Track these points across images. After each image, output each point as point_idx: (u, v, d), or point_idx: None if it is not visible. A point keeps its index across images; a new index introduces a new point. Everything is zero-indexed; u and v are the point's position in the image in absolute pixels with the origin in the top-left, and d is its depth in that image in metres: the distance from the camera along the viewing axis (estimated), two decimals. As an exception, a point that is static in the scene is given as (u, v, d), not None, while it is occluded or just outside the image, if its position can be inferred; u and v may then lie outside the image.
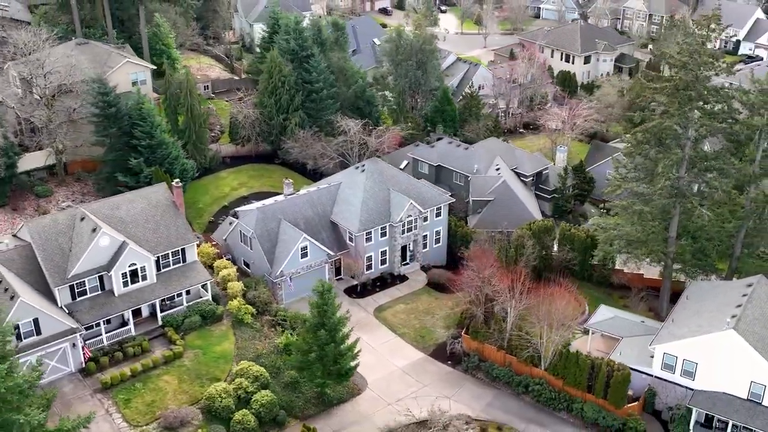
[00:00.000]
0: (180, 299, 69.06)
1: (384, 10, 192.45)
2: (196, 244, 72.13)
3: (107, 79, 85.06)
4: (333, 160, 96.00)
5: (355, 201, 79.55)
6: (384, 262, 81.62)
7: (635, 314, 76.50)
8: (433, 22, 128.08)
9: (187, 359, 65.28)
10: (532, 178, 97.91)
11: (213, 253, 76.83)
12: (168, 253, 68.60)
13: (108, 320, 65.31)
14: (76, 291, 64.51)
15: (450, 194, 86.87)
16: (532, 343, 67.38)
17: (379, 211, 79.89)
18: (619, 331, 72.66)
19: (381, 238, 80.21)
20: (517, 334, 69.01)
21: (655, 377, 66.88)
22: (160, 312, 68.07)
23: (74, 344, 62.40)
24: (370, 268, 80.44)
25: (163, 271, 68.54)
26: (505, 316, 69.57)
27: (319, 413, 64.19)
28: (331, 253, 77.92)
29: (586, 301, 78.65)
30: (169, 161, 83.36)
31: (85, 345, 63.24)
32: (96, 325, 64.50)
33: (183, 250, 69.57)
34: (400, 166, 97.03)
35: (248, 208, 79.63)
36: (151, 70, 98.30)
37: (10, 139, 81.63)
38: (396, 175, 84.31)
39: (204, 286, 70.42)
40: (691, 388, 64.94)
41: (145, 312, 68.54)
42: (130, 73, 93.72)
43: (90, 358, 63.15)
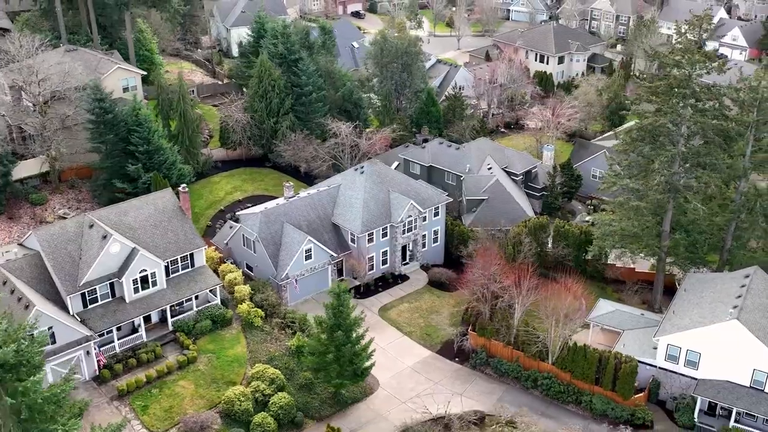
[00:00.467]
0: (189, 304, 69.01)
1: (356, 14, 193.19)
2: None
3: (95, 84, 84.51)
4: (326, 162, 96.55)
5: (356, 202, 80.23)
6: (385, 262, 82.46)
7: (634, 307, 78.44)
8: (418, 25, 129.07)
9: (201, 364, 65.30)
10: (521, 177, 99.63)
11: (216, 258, 76.83)
12: (177, 259, 68.51)
13: (118, 327, 65.04)
14: (88, 299, 64.11)
15: (447, 194, 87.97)
16: (540, 339, 68.80)
17: (380, 212, 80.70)
18: (620, 324, 74.47)
19: (382, 238, 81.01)
20: (524, 330, 70.43)
21: (659, 368, 68.70)
22: (171, 317, 67.92)
23: (88, 352, 62.04)
24: (371, 268, 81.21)
25: (173, 276, 68.44)
26: (512, 312, 70.82)
27: (335, 413, 64.76)
28: (334, 254, 78.49)
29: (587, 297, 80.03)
30: (166, 166, 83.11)
31: (101, 352, 62.88)
32: (108, 332, 64.21)
33: (191, 255, 69.53)
34: (392, 168, 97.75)
35: (250, 212, 79.72)
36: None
37: (4, 147, 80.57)
38: (394, 176, 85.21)
39: (212, 291, 70.43)
40: (695, 378, 66.83)
41: (155, 318, 68.34)
42: (121, 79, 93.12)
43: (105, 365, 62.78)
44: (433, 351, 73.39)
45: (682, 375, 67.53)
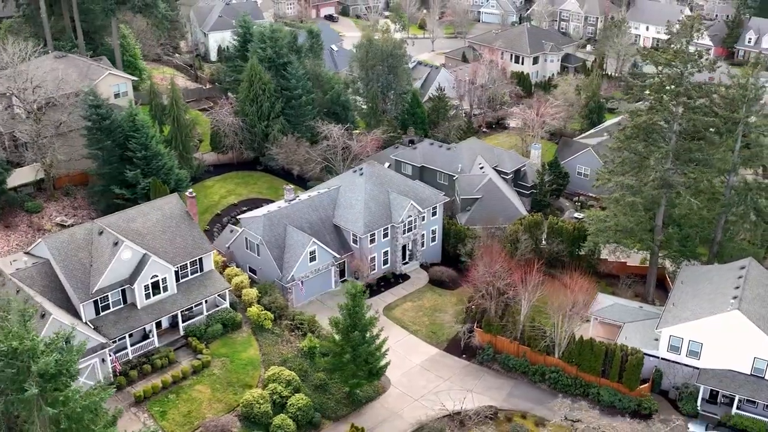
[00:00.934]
0: (199, 308, 69.03)
1: (330, 17, 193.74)
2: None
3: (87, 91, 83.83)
4: (319, 164, 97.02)
5: (356, 204, 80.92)
6: (386, 262, 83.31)
7: (631, 300, 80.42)
8: (402, 27, 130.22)
9: (215, 368, 65.40)
10: (511, 175, 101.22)
11: (220, 262, 76.87)
12: (186, 264, 68.47)
13: (130, 333, 64.81)
14: (100, 306, 63.80)
15: (444, 194, 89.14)
16: (547, 334, 70.25)
17: (381, 213, 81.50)
18: (621, 317, 76.35)
19: (383, 238, 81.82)
20: (530, 325, 71.83)
21: (661, 359, 70.63)
22: (182, 322, 67.88)
23: (103, 359, 61.73)
24: (373, 268, 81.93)
25: (182, 281, 68.38)
26: (519, 308, 72.15)
27: (351, 413, 65.39)
28: (337, 255, 79.08)
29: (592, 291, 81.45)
30: (164, 172, 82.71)
31: (117, 359, 62.64)
32: (120, 339, 63.93)
33: (200, 260, 69.54)
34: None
35: (252, 216, 79.90)
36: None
37: (-2, 155, 79.73)
38: (393, 177, 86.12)
39: (222, 295, 70.52)
40: (697, 367, 68.85)
41: (165, 323, 68.21)
42: (112, 85, 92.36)
43: (121, 371, 62.54)
44: (440, 348, 74.42)
45: (685, 365, 69.49)
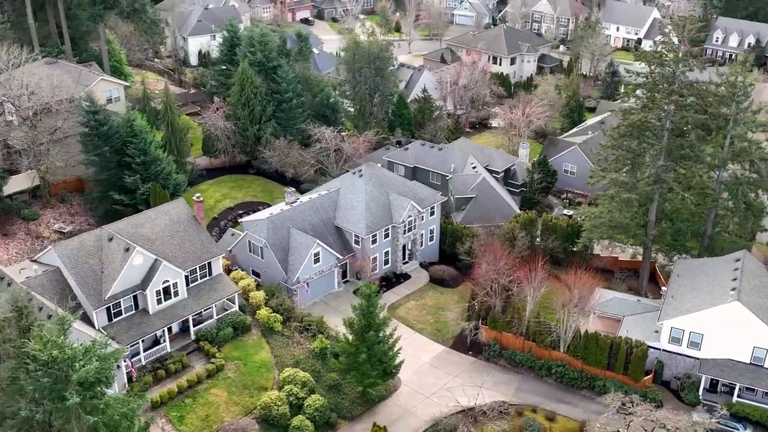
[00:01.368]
0: (209, 312, 69.10)
1: (306, 20, 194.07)
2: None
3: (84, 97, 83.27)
4: (313, 167, 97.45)
5: (357, 205, 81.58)
6: (387, 262, 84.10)
7: (628, 294, 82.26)
8: (388, 30, 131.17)
9: (229, 371, 65.56)
10: (502, 174, 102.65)
11: (225, 265, 76.80)
12: (196, 268, 68.51)
13: (142, 339, 64.69)
14: (112, 312, 63.59)
15: (441, 194, 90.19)
16: (553, 329, 71.62)
17: (382, 214, 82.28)
18: (620, 311, 78.10)
19: (384, 239, 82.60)
20: (535, 321, 73.17)
21: (663, 350, 72.43)
22: (193, 326, 67.90)
23: (119, 366, 61.50)
24: (375, 269, 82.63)
25: (192, 285, 68.41)
26: (524, 304, 73.45)
27: (365, 412, 66.03)
28: (340, 256, 79.65)
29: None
30: (163, 177, 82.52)
31: (133, 365, 62.48)
32: (132, 344, 63.78)
33: (209, 264, 69.61)
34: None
35: (254, 219, 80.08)
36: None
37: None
38: (392, 178, 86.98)
39: (230, 298, 70.65)
40: (698, 358, 70.78)
41: (175, 328, 68.17)
42: (105, 90, 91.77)
43: (137, 377, 62.40)
44: (446, 346, 75.40)
45: (686, 356, 71.35)
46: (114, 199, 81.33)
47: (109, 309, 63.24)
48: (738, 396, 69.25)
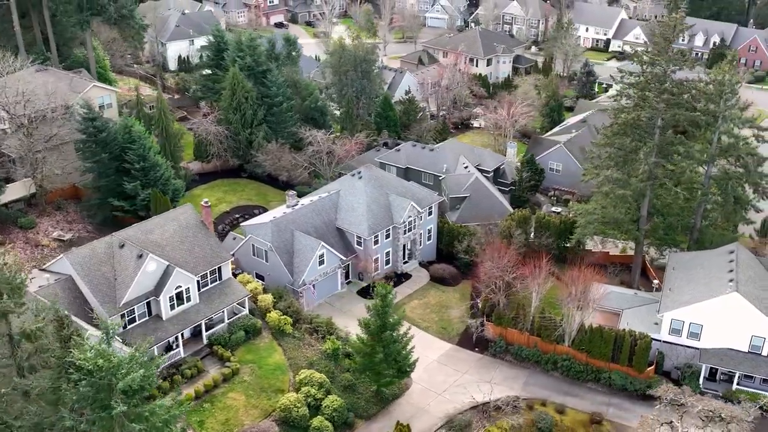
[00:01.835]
0: (220, 316, 69.25)
1: (280, 24, 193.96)
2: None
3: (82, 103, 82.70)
4: (306, 170, 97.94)
5: (358, 207, 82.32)
6: (388, 263, 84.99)
7: (625, 288, 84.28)
8: (374, 33, 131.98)
9: (245, 374, 65.79)
10: (492, 173, 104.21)
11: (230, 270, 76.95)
12: (206, 273, 68.61)
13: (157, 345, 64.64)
14: (127, 319, 63.43)
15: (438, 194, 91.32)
16: (559, 324, 73.15)
17: (383, 215, 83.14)
18: (619, 304, 79.98)
19: (386, 239, 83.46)
20: (540, 316, 74.65)
21: (663, 341, 74.41)
22: (205, 331, 67.99)
23: (139, 372, 61.32)
24: (376, 269, 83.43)
25: (203, 290, 68.50)
26: (528, 300, 74.90)
27: (380, 411, 66.73)
28: (343, 258, 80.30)
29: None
30: (162, 182, 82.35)
31: (152, 371, 62.28)
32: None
33: (219, 269, 69.75)
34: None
35: (257, 222, 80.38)
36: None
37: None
38: (390, 179, 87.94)
39: (241, 302, 70.85)
40: (698, 348, 72.90)
41: (187, 333, 68.13)
42: (97, 97, 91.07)
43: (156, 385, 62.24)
44: (453, 343, 76.49)
45: (686, 346, 73.40)
46: (113, 206, 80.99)
47: (123, 316, 63.06)
48: (737, 384, 71.50)
